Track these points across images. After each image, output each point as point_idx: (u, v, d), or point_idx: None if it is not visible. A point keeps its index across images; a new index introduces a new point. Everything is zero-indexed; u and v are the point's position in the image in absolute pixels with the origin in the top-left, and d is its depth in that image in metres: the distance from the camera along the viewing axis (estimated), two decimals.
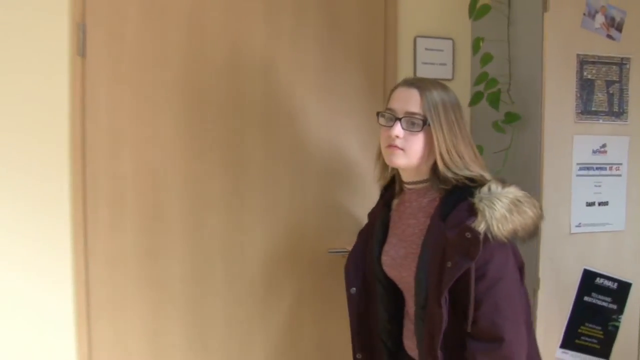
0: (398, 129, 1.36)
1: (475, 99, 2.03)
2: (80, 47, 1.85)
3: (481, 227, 1.23)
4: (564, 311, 1.92)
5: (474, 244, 1.23)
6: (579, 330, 1.94)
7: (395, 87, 1.43)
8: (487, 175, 1.36)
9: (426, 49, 2.18)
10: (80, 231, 1.85)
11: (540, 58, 1.88)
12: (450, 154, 1.34)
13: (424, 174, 1.41)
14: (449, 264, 1.25)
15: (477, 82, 2.02)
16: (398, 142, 1.37)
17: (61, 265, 1.85)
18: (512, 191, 1.30)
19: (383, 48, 2.14)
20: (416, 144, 1.36)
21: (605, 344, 1.97)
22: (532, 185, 1.88)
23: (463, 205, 1.29)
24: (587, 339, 1.95)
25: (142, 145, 1.92)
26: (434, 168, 1.38)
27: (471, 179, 1.34)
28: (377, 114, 1.43)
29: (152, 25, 1.91)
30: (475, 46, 2.05)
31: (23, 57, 1.81)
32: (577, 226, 1.93)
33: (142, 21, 1.91)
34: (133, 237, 1.91)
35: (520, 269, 1.38)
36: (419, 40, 2.17)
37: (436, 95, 1.35)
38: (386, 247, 1.50)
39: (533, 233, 1.30)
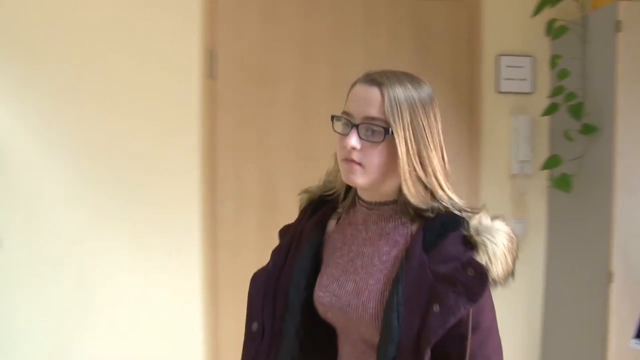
0: (354, 139, 1.04)
1: (550, 109, 2.25)
2: (211, 70, 2.23)
3: (489, 271, 0.97)
4: (637, 303, 2.08)
5: (479, 284, 0.95)
6: None
7: (354, 84, 1.11)
8: (457, 201, 1.07)
9: (507, 65, 2.42)
10: (209, 223, 2.24)
11: (614, 74, 2.08)
12: (415, 169, 1.03)
13: (391, 194, 1.08)
14: (437, 308, 0.95)
15: (552, 95, 2.24)
16: (355, 156, 1.04)
17: (193, 251, 2.25)
18: (502, 225, 1.03)
19: (468, 66, 2.40)
20: (377, 157, 1.03)
21: None
22: (605, 191, 2.09)
23: (454, 237, 1.00)
24: None
25: (261, 151, 2.29)
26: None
27: (454, 206, 1.06)
28: (332, 118, 1.11)
29: (270, 50, 2.28)
30: (552, 63, 2.27)
31: (162, 79, 2.22)
32: None
33: (262, 47, 2.28)
34: (254, 229, 2.27)
35: None
36: (501, 58, 2.41)
37: (401, 93, 1.04)
38: (324, 281, 1.12)
39: (512, 274, 1.02)
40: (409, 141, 1.03)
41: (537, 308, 2.48)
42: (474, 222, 1.01)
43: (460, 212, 1.04)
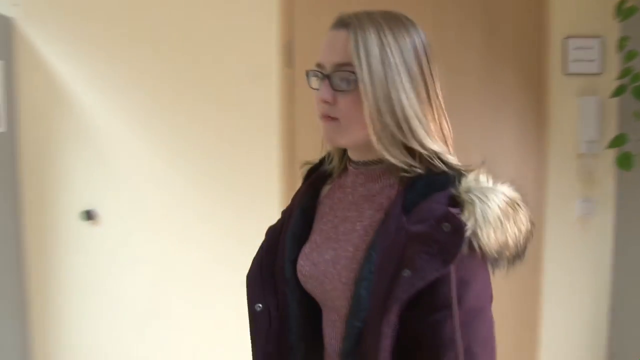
0: (324, 91, 0.93)
1: (618, 91, 2.28)
2: (289, 60, 2.40)
3: (468, 225, 0.82)
4: None
5: (455, 241, 0.80)
6: None
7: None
8: (452, 160, 0.93)
9: (575, 47, 2.46)
10: None
11: None
12: (386, 120, 0.89)
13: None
14: (407, 273, 0.81)
15: (620, 77, 2.28)
16: (329, 110, 0.94)
17: None
18: (508, 189, 0.88)
19: (535, 49, 2.46)
20: (352, 109, 0.92)
21: None
22: None
23: (439, 196, 0.87)
24: None
25: None
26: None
27: (447, 165, 0.92)
28: (306, 74, 0.99)
29: None
30: (621, 45, 2.30)
31: (244, 68, 2.43)
32: None
33: None
34: None
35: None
36: (569, 40, 2.45)
37: (373, 35, 0.89)
38: (306, 248, 1.04)
39: (519, 255, 0.87)
40: (378, 88, 0.88)
41: (605, 286, 2.51)
42: (468, 180, 0.87)
43: (454, 171, 0.91)
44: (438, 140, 0.93)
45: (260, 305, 1.06)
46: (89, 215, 2.57)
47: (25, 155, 2.62)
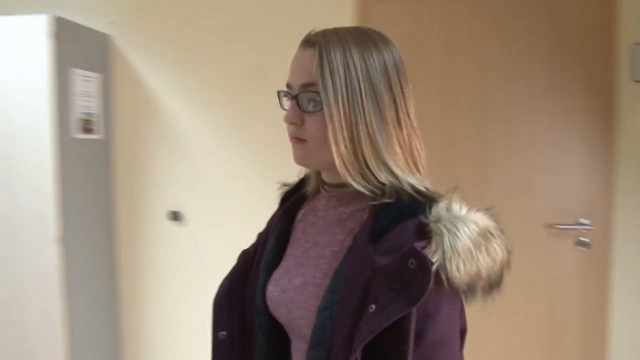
0: (290, 112, 0.93)
1: None
2: None
3: (435, 259, 0.78)
4: None
5: (421, 280, 0.76)
6: None
7: None
8: (420, 185, 0.89)
9: None
10: None
11: None
12: (349, 143, 0.87)
13: None
14: (372, 308, 0.79)
15: None
16: (297, 132, 0.93)
17: None
18: (481, 218, 0.83)
19: (604, 56, 2.50)
20: (319, 130, 0.89)
21: None
22: None
23: (408, 225, 0.83)
24: None
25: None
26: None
27: (417, 191, 0.88)
28: (278, 94, 1.00)
29: (417, 47, 2.56)
30: None
31: None
32: None
33: (410, 44, 2.52)
34: None
35: (462, 335, 0.95)
36: (638, 47, 2.48)
37: (338, 54, 0.87)
38: (276, 274, 1.00)
39: (495, 285, 0.82)
40: (341, 110, 0.86)
41: None
42: (439, 207, 0.83)
43: (425, 198, 0.87)
44: (407, 163, 0.91)
45: (225, 332, 1.04)
46: (175, 216, 2.78)
47: (119, 160, 2.88)
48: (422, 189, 0.88)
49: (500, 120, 2.55)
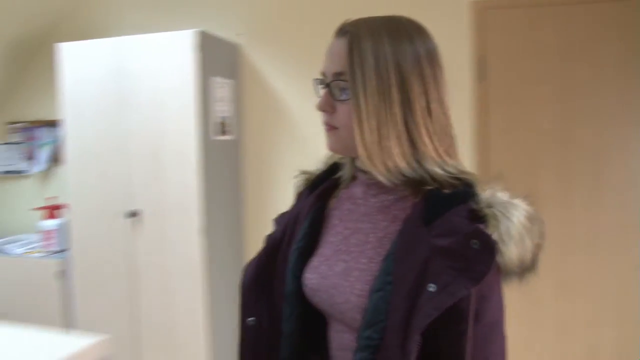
0: (321, 100, 0.94)
1: None
2: (482, 73, 2.67)
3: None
4: None
5: (484, 259, 0.80)
6: None
7: None
8: (446, 173, 0.89)
9: None
10: None
11: None
12: (374, 133, 0.87)
13: None
14: (432, 287, 0.80)
15: None
16: (329, 119, 0.94)
17: None
18: (523, 204, 0.86)
19: None
20: (349, 118, 0.90)
21: None
22: None
23: (460, 210, 0.85)
24: None
25: (527, 143, 2.69)
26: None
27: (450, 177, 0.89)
28: (313, 82, 1.00)
29: (533, 53, 2.66)
30: None
31: None
32: None
33: (526, 51, 2.67)
34: None
35: None
36: None
37: (369, 43, 0.87)
38: (314, 262, 0.99)
39: (530, 268, 0.85)
40: (369, 99, 0.86)
41: None
42: (486, 194, 0.86)
43: (469, 185, 0.88)
44: (437, 152, 0.89)
45: (254, 318, 1.03)
46: None
47: (248, 157, 3.15)
48: (450, 178, 0.88)
49: (617, 123, 2.62)
